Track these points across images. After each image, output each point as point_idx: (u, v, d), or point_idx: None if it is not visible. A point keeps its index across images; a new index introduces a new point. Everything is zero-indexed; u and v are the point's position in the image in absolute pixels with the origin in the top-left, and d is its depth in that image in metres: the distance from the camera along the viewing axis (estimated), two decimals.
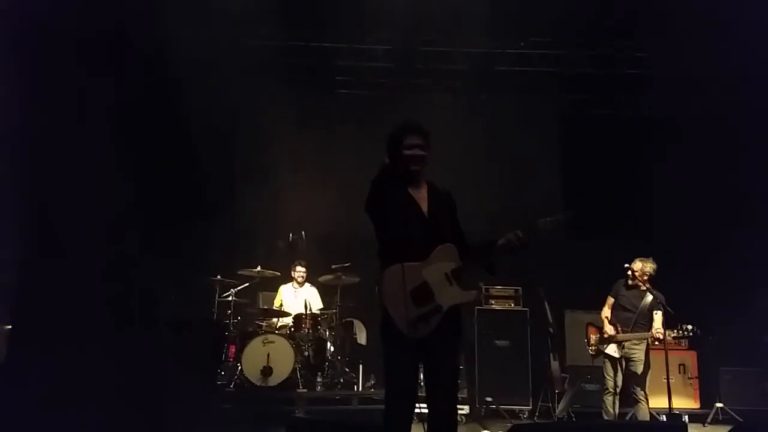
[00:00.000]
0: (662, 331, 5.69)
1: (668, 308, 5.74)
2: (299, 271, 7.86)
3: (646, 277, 5.93)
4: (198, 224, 8.15)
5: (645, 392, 5.92)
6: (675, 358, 7.31)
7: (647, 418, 5.96)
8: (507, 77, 8.87)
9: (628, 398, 6.03)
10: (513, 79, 8.89)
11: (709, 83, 8.13)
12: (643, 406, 5.87)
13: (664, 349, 5.92)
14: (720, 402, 7.27)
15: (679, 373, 7.48)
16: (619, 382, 5.97)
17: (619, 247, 7.89)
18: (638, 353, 5.89)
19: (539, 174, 9.25)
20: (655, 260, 5.97)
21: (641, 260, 5.98)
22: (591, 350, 6.23)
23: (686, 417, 7.12)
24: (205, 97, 8.14)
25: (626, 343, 5.93)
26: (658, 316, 5.79)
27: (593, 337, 6.20)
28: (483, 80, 8.97)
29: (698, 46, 7.79)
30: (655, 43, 8.29)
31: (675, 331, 5.79)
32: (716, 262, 7.97)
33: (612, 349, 5.97)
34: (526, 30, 8.34)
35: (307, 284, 7.91)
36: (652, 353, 6.93)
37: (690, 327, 5.73)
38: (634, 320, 5.90)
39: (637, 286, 5.99)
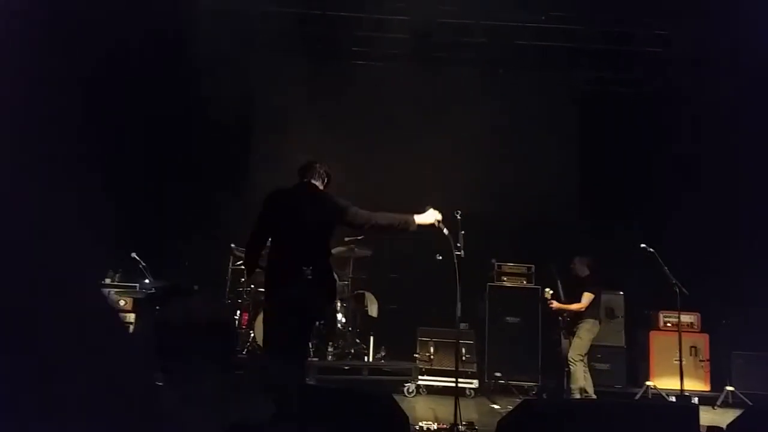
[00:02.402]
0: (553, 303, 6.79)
1: (683, 289, 6.27)
2: None
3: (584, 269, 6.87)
4: (214, 194, 8.17)
5: (573, 359, 6.55)
6: (687, 340, 7.28)
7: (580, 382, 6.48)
8: (526, 52, 8.70)
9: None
10: (532, 54, 8.71)
11: (730, 62, 7.95)
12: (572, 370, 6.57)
13: (678, 331, 6.57)
14: (731, 385, 7.25)
15: (691, 355, 7.47)
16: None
17: (633, 227, 7.85)
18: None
19: (555, 151, 9.14)
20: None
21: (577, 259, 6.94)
22: None
23: (696, 399, 7.10)
24: (220, 67, 8.10)
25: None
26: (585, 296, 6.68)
27: None
28: (502, 54, 8.80)
29: (719, 23, 7.60)
30: (675, 20, 8.10)
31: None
32: (732, 244, 7.85)
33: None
34: (547, 4, 8.16)
35: None
36: (663, 335, 7.35)
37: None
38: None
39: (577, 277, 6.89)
